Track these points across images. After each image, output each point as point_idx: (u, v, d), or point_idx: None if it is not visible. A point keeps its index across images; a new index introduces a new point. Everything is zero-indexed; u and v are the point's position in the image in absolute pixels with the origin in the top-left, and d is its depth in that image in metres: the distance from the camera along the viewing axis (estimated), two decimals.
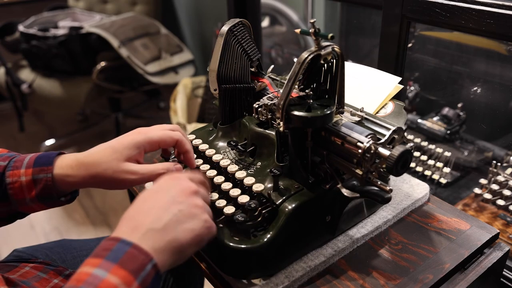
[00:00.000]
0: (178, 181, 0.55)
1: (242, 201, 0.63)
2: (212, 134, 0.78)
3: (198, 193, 0.55)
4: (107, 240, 0.47)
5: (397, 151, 0.56)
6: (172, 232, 0.49)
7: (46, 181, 0.60)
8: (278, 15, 1.95)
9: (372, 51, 1.60)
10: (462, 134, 1.35)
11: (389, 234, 0.73)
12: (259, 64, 0.80)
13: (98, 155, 0.61)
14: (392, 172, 0.57)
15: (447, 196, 1.20)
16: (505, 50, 1.19)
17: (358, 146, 0.58)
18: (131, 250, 0.46)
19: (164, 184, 0.55)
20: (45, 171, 0.60)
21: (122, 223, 0.50)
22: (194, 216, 0.52)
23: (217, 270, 0.66)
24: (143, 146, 0.63)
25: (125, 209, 0.52)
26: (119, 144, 0.62)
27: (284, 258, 0.64)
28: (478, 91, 1.30)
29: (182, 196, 0.53)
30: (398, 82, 0.75)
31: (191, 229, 0.51)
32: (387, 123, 0.65)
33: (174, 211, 0.51)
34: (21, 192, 0.61)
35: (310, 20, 0.57)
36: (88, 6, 2.58)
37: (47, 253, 0.79)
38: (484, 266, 0.68)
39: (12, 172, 0.61)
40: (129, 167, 0.61)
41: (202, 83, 2.18)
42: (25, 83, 2.14)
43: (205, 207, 0.54)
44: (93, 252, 0.46)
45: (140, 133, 0.64)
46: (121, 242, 0.47)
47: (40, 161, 0.61)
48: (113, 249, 0.46)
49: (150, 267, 0.46)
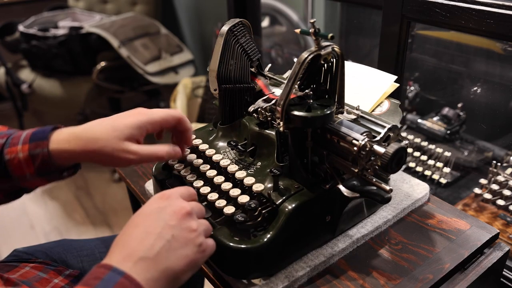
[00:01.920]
0: (170, 201, 0.54)
1: (242, 201, 0.63)
2: (212, 134, 0.78)
3: (192, 213, 0.53)
4: (98, 267, 0.46)
5: (391, 148, 0.56)
6: (165, 260, 0.48)
7: (43, 156, 0.59)
8: (278, 15, 1.95)
9: (372, 51, 1.60)
10: (462, 134, 1.35)
11: (389, 234, 0.73)
12: (259, 64, 0.80)
13: (98, 130, 0.60)
14: (387, 169, 0.57)
15: (447, 196, 1.20)
16: (501, 49, 1.19)
17: (354, 144, 0.59)
18: (123, 280, 0.44)
19: (155, 205, 0.53)
20: (40, 146, 0.59)
21: (113, 249, 0.49)
22: (187, 241, 0.50)
23: (217, 270, 0.66)
24: (145, 127, 0.62)
25: (125, 209, 0.52)
26: (121, 123, 0.60)
27: (284, 258, 0.64)
28: (478, 91, 1.30)
29: (175, 219, 0.51)
30: (395, 81, 0.76)
31: (185, 255, 0.50)
32: (383, 121, 0.65)
33: (167, 237, 0.49)
34: (20, 168, 0.60)
35: (310, 20, 0.57)
36: (88, 6, 2.58)
37: (47, 253, 0.79)
38: (484, 266, 0.68)
39: (10, 149, 0.60)
40: (129, 147, 0.60)
41: (202, 83, 2.18)
42: (25, 83, 2.14)
43: (199, 229, 0.52)
44: (84, 279, 0.45)
45: (142, 113, 0.62)
46: (112, 271, 0.45)
47: (35, 137, 0.60)
48: (104, 278, 0.44)
49: None
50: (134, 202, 0.99)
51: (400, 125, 0.64)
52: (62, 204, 2.11)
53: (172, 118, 0.64)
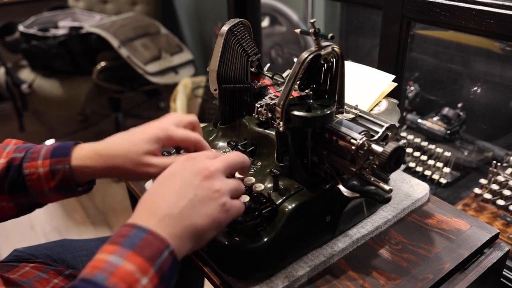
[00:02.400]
0: (193, 162, 0.54)
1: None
2: (212, 134, 0.78)
3: (215, 173, 0.53)
4: (123, 226, 0.47)
5: (389, 147, 0.56)
6: (189, 217, 0.49)
7: (64, 172, 0.59)
8: (278, 15, 1.95)
9: (372, 51, 1.60)
10: (462, 134, 1.35)
11: (389, 234, 0.73)
12: (259, 64, 0.80)
13: (118, 147, 0.60)
14: (385, 168, 0.57)
15: (447, 196, 1.20)
16: (500, 49, 1.19)
17: (352, 143, 0.59)
18: (148, 236, 0.46)
19: (179, 167, 0.54)
20: (62, 162, 0.60)
21: (138, 208, 0.50)
22: (210, 200, 0.51)
23: (217, 270, 0.66)
24: (163, 142, 0.62)
25: (125, 209, 0.52)
26: (139, 139, 0.61)
27: (284, 258, 0.64)
28: (478, 91, 1.30)
29: (197, 179, 0.52)
30: (393, 80, 0.76)
31: (209, 214, 0.50)
32: (381, 120, 0.66)
33: (190, 196, 0.50)
34: (39, 183, 0.60)
35: (310, 20, 0.57)
36: (88, 6, 2.58)
37: (47, 253, 0.79)
38: (484, 266, 0.68)
39: (29, 164, 0.60)
40: (148, 160, 0.60)
41: (202, 83, 2.18)
42: (25, 83, 2.14)
43: (223, 189, 0.52)
44: (110, 239, 0.46)
45: (162, 128, 0.62)
46: (137, 228, 0.46)
47: (57, 152, 0.61)
48: (130, 236, 0.46)
49: (167, 254, 0.46)
50: (134, 202, 0.99)
51: (399, 124, 0.64)
52: (62, 204, 2.11)
53: (189, 141, 0.63)
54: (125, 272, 0.43)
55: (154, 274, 0.44)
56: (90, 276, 0.43)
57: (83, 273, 0.43)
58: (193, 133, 0.64)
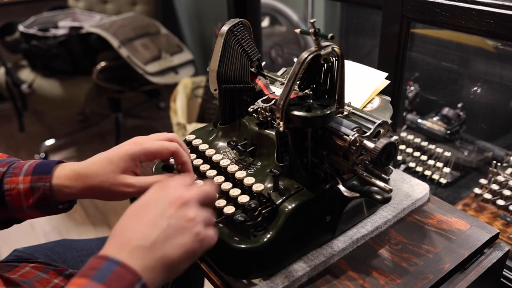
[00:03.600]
0: (168, 191, 0.52)
1: (242, 201, 0.63)
2: (212, 134, 0.78)
3: (190, 201, 0.52)
4: (94, 258, 0.46)
5: (381, 143, 0.58)
6: (161, 248, 0.47)
7: (44, 190, 0.60)
8: (278, 15, 1.95)
9: (372, 51, 1.60)
10: (462, 134, 1.35)
11: (389, 234, 0.73)
12: (259, 64, 0.80)
13: (95, 167, 0.60)
14: (376, 163, 0.59)
15: (447, 196, 1.20)
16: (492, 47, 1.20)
17: (344, 139, 0.60)
18: (119, 269, 0.44)
19: (153, 196, 0.53)
20: (43, 180, 0.60)
21: (110, 239, 0.49)
22: (184, 230, 0.49)
23: (217, 270, 0.66)
24: (139, 157, 0.62)
25: (125, 209, 0.52)
26: (115, 156, 0.61)
27: (284, 258, 0.64)
28: (478, 91, 1.30)
29: (171, 209, 0.50)
30: (387, 78, 0.77)
31: (182, 244, 0.49)
32: (373, 117, 0.67)
33: (163, 226, 0.48)
34: (18, 199, 0.60)
35: (310, 20, 0.58)
36: (88, 6, 2.58)
37: (47, 253, 0.79)
38: (484, 266, 0.68)
39: (10, 179, 0.60)
40: (126, 180, 0.60)
41: (202, 83, 2.18)
42: (25, 83, 2.13)
43: (197, 218, 0.51)
44: (80, 271, 0.45)
45: (136, 143, 0.62)
46: (108, 260, 0.45)
47: (39, 169, 0.61)
48: (100, 268, 0.44)
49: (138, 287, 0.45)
50: None
51: (391, 121, 0.65)
52: None
53: (166, 151, 0.63)
54: None
55: None
56: None
57: None
58: (169, 143, 0.63)
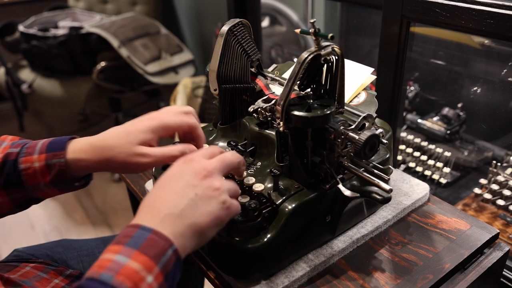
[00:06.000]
0: (191, 163, 0.54)
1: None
2: (212, 134, 0.78)
3: (213, 172, 0.53)
4: (128, 227, 0.48)
5: (364, 135, 0.59)
6: (190, 216, 0.50)
7: (60, 166, 0.60)
8: (278, 15, 1.95)
9: (372, 51, 1.60)
10: (462, 134, 1.35)
11: (389, 234, 0.73)
12: (259, 64, 0.80)
13: (112, 138, 0.61)
14: (360, 155, 0.60)
15: (447, 196, 1.20)
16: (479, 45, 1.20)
17: (330, 132, 0.61)
18: (152, 236, 0.46)
19: (178, 169, 0.54)
20: (58, 156, 0.60)
21: (141, 210, 0.51)
22: (210, 198, 0.51)
23: (217, 270, 0.66)
24: (158, 132, 0.62)
25: (125, 209, 0.52)
26: (134, 129, 0.61)
27: (284, 258, 0.64)
28: (478, 91, 1.30)
29: (197, 179, 0.52)
30: (374, 73, 0.78)
31: (209, 212, 0.51)
32: (359, 110, 0.70)
33: (190, 195, 0.51)
34: (35, 178, 0.60)
35: (310, 20, 0.58)
36: (88, 6, 2.58)
37: (47, 253, 0.79)
38: (484, 266, 0.68)
39: (25, 159, 0.60)
40: (142, 150, 0.60)
41: (202, 83, 2.18)
42: (25, 83, 2.14)
43: (222, 187, 0.53)
44: (115, 239, 0.47)
45: (156, 118, 0.63)
46: (141, 228, 0.47)
47: (52, 146, 0.61)
48: (134, 236, 0.46)
49: (171, 252, 0.47)
50: (134, 202, 0.99)
51: (376, 115, 0.67)
52: (62, 204, 2.11)
53: (187, 126, 0.64)
54: (131, 271, 0.43)
55: (159, 272, 0.45)
56: (97, 275, 0.43)
57: (89, 273, 0.44)
58: (188, 118, 0.64)
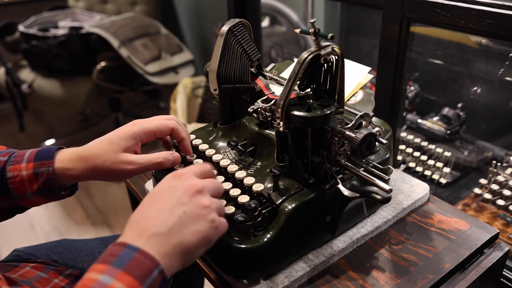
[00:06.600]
0: (182, 180, 0.54)
1: (242, 201, 0.63)
2: (212, 134, 0.78)
3: (204, 190, 0.53)
4: (113, 245, 0.47)
5: (361, 134, 0.60)
6: (178, 235, 0.49)
7: (48, 174, 0.61)
8: (278, 15, 1.95)
9: (372, 51, 1.60)
10: (462, 134, 1.35)
11: (389, 234, 0.73)
12: (259, 64, 0.80)
13: (97, 147, 0.63)
14: (357, 153, 0.61)
15: (447, 196, 1.20)
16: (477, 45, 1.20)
17: (327, 130, 0.62)
18: (137, 255, 0.45)
19: (167, 184, 0.54)
20: (46, 165, 0.61)
21: (127, 227, 0.50)
22: (199, 217, 0.51)
23: (217, 270, 0.66)
24: (139, 137, 0.65)
25: (125, 209, 0.52)
26: (116, 136, 0.63)
27: (284, 258, 0.64)
28: (478, 91, 1.30)
29: (186, 197, 0.51)
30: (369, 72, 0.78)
31: (197, 231, 0.50)
32: (355, 109, 0.70)
33: (179, 213, 0.50)
34: (22, 186, 0.61)
35: (310, 20, 0.58)
36: (88, 6, 2.58)
37: (47, 253, 0.79)
38: (484, 266, 0.68)
39: (13, 167, 0.61)
40: (127, 158, 0.62)
41: (202, 83, 2.18)
42: (25, 83, 2.13)
43: (211, 206, 0.52)
44: (100, 258, 0.46)
45: (136, 124, 0.66)
46: (127, 247, 0.46)
47: (40, 155, 0.62)
48: (119, 255, 0.45)
49: (156, 273, 0.46)
50: (134, 202, 0.99)
51: (372, 113, 0.67)
52: (62, 204, 2.11)
53: (165, 128, 0.67)
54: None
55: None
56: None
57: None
58: (168, 121, 0.67)
